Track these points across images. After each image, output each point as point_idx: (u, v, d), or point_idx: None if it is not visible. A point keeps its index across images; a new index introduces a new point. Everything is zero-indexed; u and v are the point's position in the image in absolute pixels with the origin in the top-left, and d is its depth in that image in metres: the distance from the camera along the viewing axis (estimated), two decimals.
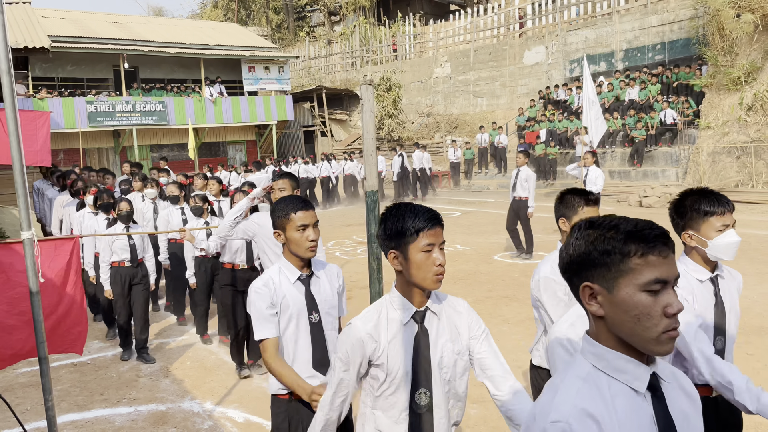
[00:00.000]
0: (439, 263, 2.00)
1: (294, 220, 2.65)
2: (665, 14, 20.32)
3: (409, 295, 2.09)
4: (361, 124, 5.99)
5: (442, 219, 2.08)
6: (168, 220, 7.42)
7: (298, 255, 2.68)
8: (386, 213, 2.07)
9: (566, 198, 3.09)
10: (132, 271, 6.27)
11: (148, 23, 26.96)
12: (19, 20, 11.53)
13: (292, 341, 2.69)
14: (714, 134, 16.34)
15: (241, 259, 5.74)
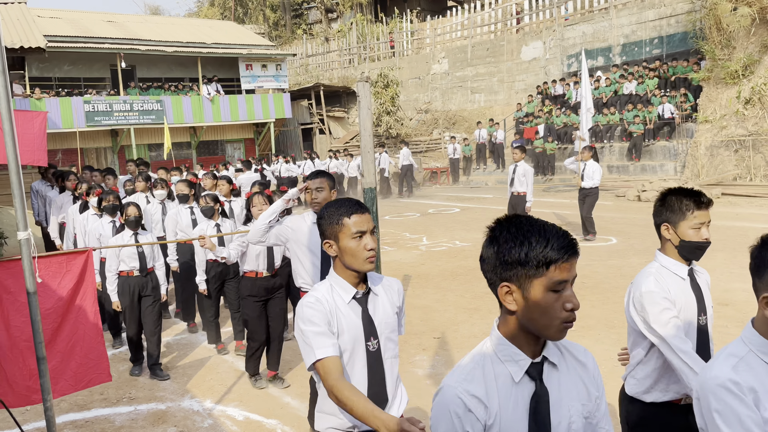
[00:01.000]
0: (571, 307, 1.54)
1: (348, 227, 2.26)
2: (662, 8, 20.30)
3: (520, 343, 1.61)
4: (359, 120, 6.00)
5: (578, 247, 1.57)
6: (177, 221, 7.05)
7: (354, 268, 2.27)
8: (499, 229, 1.57)
9: (671, 200, 2.60)
10: (141, 281, 5.80)
11: (144, 22, 26.90)
12: (15, 20, 11.49)
13: (347, 373, 2.25)
14: (712, 128, 16.34)
15: (263, 266, 5.32)
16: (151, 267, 5.88)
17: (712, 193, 14.38)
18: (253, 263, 5.31)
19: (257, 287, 5.29)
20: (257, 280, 5.31)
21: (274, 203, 4.18)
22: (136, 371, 5.88)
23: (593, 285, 7.86)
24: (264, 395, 5.26)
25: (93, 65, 22.65)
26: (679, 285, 2.57)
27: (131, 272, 5.75)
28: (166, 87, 23.38)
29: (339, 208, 2.31)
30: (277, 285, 5.38)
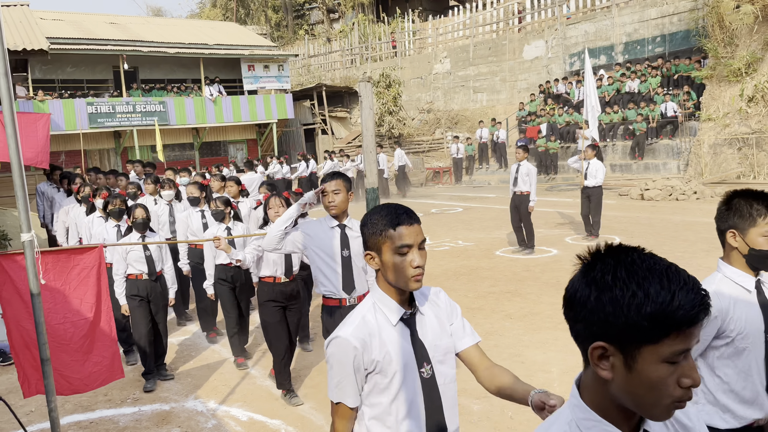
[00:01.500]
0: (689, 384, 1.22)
1: (393, 239, 1.95)
2: (664, 6, 20.26)
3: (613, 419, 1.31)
4: (361, 120, 6.00)
5: None
6: (187, 224, 6.86)
7: (399, 286, 1.98)
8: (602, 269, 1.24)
9: (738, 204, 2.30)
10: (150, 285, 5.62)
11: (147, 23, 26.96)
12: (17, 22, 11.52)
13: (401, 407, 2.00)
14: (715, 126, 16.31)
15: (281, 271, 5.06)
16: (160, 270, 5.71)
17: (716, 192, 14.35)
18: (271, 268, 5.06)
19: (275, 292, 5.05)
20: (275, 285, 5.06)
21: (289, 208, 3.97)
22: (150, 386, 5.52)
23: None
24: (267, 396, 5.26)
25: (96, 67, 22.70)
26: (743, 298, 2.30)
27: (140, 276, 5.59)
28: (169, 88, 23.43)
29: (384, 216, 2.00)
30: (296, 292, 5.18)
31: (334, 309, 3.93)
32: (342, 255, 3.86)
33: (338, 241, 3.88)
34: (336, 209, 3.81)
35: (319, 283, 3.97)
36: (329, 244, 3.86)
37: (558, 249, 10.17)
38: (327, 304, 3.97)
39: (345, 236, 3.90)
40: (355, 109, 29.16)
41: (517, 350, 5.77)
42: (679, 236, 10.31)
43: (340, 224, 3.93)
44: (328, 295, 3.94)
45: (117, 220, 6.15)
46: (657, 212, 12.97)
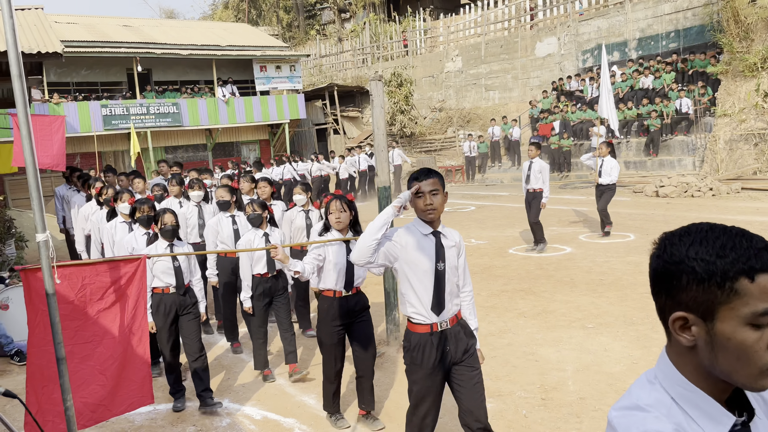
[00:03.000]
0: None
1: (749, 298, 1.07)
2: (678, 1, 20.05)
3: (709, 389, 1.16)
4: (372, 120, 5.99)
5: None
6: (217, 230, 6.35)
7: (736, 382, 1.13)
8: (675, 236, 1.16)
9: None
10: (178, 300, 5.09)
11: (160, 26, 27.15)
12: (32, 26, 11.64)
13: None
14: (731, 122, 16.12)
15: (340, 284, 4.43)
16: (188, 283, 5.18)
17: (732, 188, 14.19)
18: (331, 280, 4.44)
19: (336, 308, 4.44)
20: (335, 300, 4.45)
21: (383, 212, 3.24)
22: (180, 405, 5.10)
23: (611, 282, 7.79)
24: (281, 394, 5.28)
25: (110, 69, 22.91)
26: None
27: (167, 289, 5.07)
28: (182, 90, 23.59)
29: (727, 250, 1.11)
30: (360, 306, 4.54)
31: (424, 336, 3.31)
32: (436, 268, 3.27)
33: (433, 252, 3.28)
34: (435, 213, 3.22)
35: (407, 303, 3.37)
36: (423, 255, 3.27)
37: (572, 247, 10.11)
38: (414, 330, 3.34)
39: (440, 246, 3.30)
40: (367, 109, 29.18)
41: (531, 348, 5.75)
42: None
43: (435, 231, 3.32)
44: (417, 319, 3.33)
45: (146, 227, 5.52)
46: (672, 209, 12.85)
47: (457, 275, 3.37)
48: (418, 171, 3.27)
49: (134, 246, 5.44)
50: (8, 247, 9.93)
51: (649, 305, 6.66)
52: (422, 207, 3.21)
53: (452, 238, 3.36)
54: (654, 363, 4.36)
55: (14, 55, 2.69)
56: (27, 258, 10.69)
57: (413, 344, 3.32)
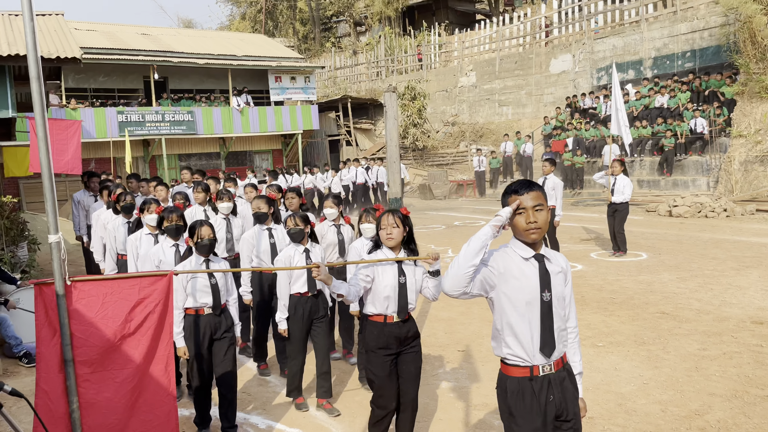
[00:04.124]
0: None
1: None
2: (695, 21, 20.02)
3: None
4: (385, 132, 6.01)
5: None
6: (253, 244, 5.85)
7: None
8: None
9: None
10: (214, 321, 4.57)
11: (177, 35, 27.47)
12: (52, 31, 11.82)
13: None
14: (746, 143, 16.00)
15: (392, 308, 3.91)
16: (225, 303, 4.67)
17: (747, 210, 14.05)
18: (381, 305, 3.92)
19: (386, 336, 3.92)
20: (385, 326, 3.93)
21: (479, 233, 2.67)
22: None
23: (623, 300, 7.71)
24: (287, 404, 5.24)
25: (127, 77, 23.17)
26: None
27: (201, 310, 4.53)
28: (197, 98, 23.80)
29: None
30: (412, 333, 4.01)
31: (523, 382, 2.75)
32: (542, 299, 2.73)
33: (537, 280, 2.74)
34: (538, 233, 2.71)
35: (503, 343, 2.81)
36: (525, 284, 2.73)
37: (583, 264, 10.03)
38: (510, 374, 2.79)
39: (545, 272, 2.75)
40: (380, 121, 29.29)
41: None
42: (708, 254, 10.09)
43: (538, 255, 2.77)
44: (513, 361, 2.77)
45: (175, 238, 5.10)
46: (685, 229, 12.73)
47: (563, 307, 2.83)
48: (517, 183, 2.77)
49: (161, 259, 5.03)
50: (21, 249, 10.01)
51: (661, 325, 6.58)
52: (524, 226, 2.69)
53: (557, 262, 2.83)
54: (664, 384, 4.38)
55: (33, 57, 2.72)
56: (39, 260, 10.77)
57: (510, 391, 2.76)
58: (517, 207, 2.69)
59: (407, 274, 3.94)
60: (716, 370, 5.32)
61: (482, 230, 2.67)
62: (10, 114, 9.54)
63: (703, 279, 8.43)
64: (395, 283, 3.90)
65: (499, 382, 2.86)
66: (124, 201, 6.77)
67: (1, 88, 9.61)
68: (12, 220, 10.11)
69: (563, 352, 2.81)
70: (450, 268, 2.69)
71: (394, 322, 3.93)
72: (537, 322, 2.72)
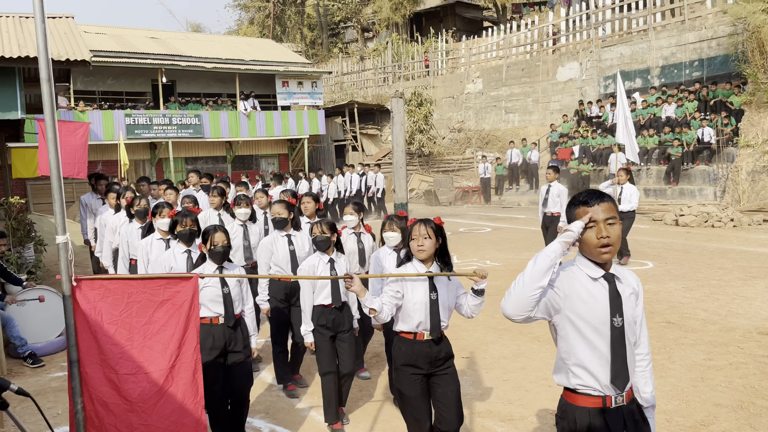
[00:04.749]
0: None
1: None
2: (703, 31, 19.99)
3: None
4: (391, 137, 6.01)
5: None
6: (272, 251, 5.51)
7: None
8: None
9: None
10: (228, 333, 4.29)
11: (186, 39, 27.62)
12: (62, 34, 11.90)
13: None
14: (754, 153, 15.94)
15: (425, 325, 3.61)
16: (239, 313, 4.39)
17: (753, 220, 13.98)
18: (412, 321, 3.62)
19: (416, 354, 3.62)
20: (415, 344, 3.63)
21: (547, 249, 2.39)
22: None
23: None
24: (290, 408, 5.24)
25: (135, 80, 23.30)
26: None
27: (215, 320, 4.27)
28: (204, 102, 23.90)
29: None
30: (445, 353, 3.70)
31: (593, 413, 2.45)
32: (612, 324, 2.43)
33: (607, 303, 2.44)
34: (611, 251, 2.42)
35: (570, 372, 2.49)
36: (594, 307, 2.43)
37: None
38: (577, 403, 2.49)
39: (616, 294, 2.47)
40: (386, 127, 29.33)
41: (545, 374, 5.66)
42: (715, 264, 10.04)
43: (607, 274, 2.47)
44: (585, 390, 2.47)
45: (188, 244, 4.88)
46: (692, 239, 12.68)
47: (635, 332, 2.53)
48: (586, 194, 2.48)
49: (172, 265, 4.83)
50: (27, 250, 10.05)
51: (666, 335, 6.55)
52: (595, 242, 2.39)
53: (629, 282, 2.54)
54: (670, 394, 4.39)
55: (44, 59, 2.74)
56: (45, 261, 10.82)
57: (579, 425, 2.45)
58: (589, 220, 2.40)
59: (439, 290, 3.63)
60: (722, 381, 5.28)
61: (550, 247, 2.40)
62: (19, 115, 9.59)
63: (710, 289, 8.39)
64: (426, 300, 3.59)
65: (563, 411, 2.54)
66: (138, 205, 6.53)
67: (11, 90, 9.67)
68: (19, 221, 10.17)
69: (632, 382, 2.52)
70: (513, 289, 2.42)
71: (425, 340, 3.64)
72: (607, 351, 2.43)
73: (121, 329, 2.98)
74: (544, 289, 2.38)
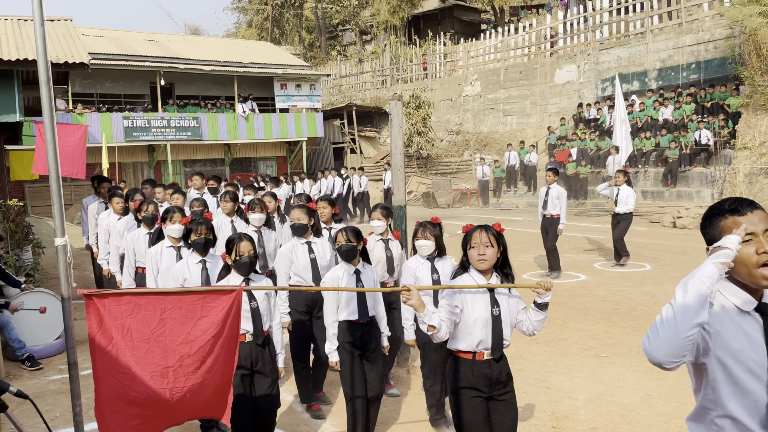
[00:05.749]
0: None
1: None
2: (700, 33, 20.05)
3: None
4: (390, 139, 6.01)
5: None
6: (291, 259, 5.10)
7: None
8: None
9: None
10: (255, 352, 3.95)
11: (184, 41, 27.64)
12: (60, 36, 11.90)
13: None
14: (751, 155, 15.99)
15: (485, 344, 3.25)
16: (267, 329, 4.05)
17: None
18: (471, 339, 3.25)
19: (476, 376, 3.25)
20: (474, 364, 3.26)
21: (701, 274, 1.87)
22: None
23: (626, 311, 7.69)
24: (288, 410, 5.23)
25: (133, 82, 23.30)
26: None
27: (242, 337, 3.87)
28: (203, 104, 23.91)
29: None
30: (505, 375, 3.33)
31: None
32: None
33: (761, 340, 1.95)
34: None
35: (713, 427, 2.03)
36: (747, 347, 1.94)
37: (586, 274, 10.01)
38: None
39: None
40: (384, 130, 29.36)
41: (543, 375, 5.67)
42: None
43: (761, 305, 1.99)
44: None
45: (202, 254, 4.61)
46: (689, 241, 12.70)
47: None
48: (734, 201, 2.03)
49: (186, 277, 4.52)
50: (25, 252, 10.04)
51: None
52: (753, 261, 1.91)
53: None
54: (668, 395, 4.35)
55: (43, 62, 2.75)
56: (43, 264, 10.80)
57: None
58: (744, 232, 1.92)
59: (501, 305, 3.28)
60: None
61: (703, 270, 1.87)
62: (17, 118, 9.59)
63: None
64: (487, 316, 3.23)
65: None
66: (146, 211, 6.06)
67: (9, 93, 9.67)
68: (17, 224, 10.15)
69: None
70: (660, 328, 1.90)
71: (485, 359, 3.26)
72: (764, 403, 1.92)
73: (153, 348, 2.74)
74: (700, 326, 1.86)
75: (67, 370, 4.88)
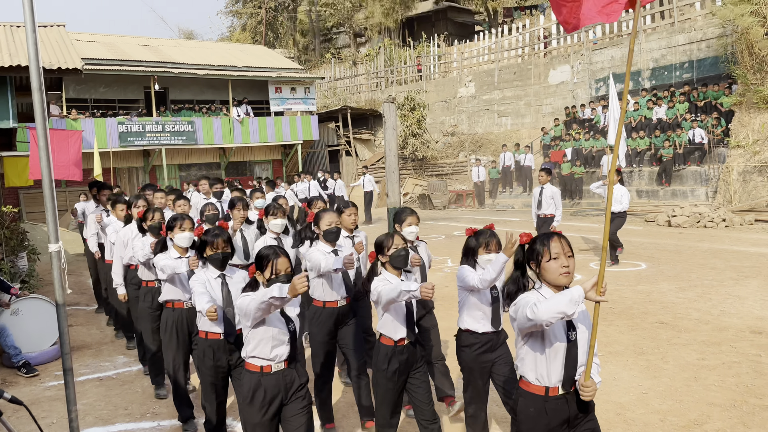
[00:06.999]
0: None
1: None
2: (692, 33, 20.15)
3: None
4: (384, 142, 6.03)
5: None
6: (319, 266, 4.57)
7: None
8: None
9: None
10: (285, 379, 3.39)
11: (178, 46, 27.60)
12: (54, 42, 11.89)
13: None
14: (744, 153, 16.06)
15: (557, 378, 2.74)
16: None
17: (745, 220, 14.07)
18: (540, 368, 2.76)
19: (549, 416, 2.74)
20: (547, 401, 2.75)
21: None
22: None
23: (621, 310, 7.71)
24: None
25: (128, 87, 23.26)
26: None
27: (268, 367, 3.39)
28: (197, 109, 23.89)
29: None
30: (583, 415, 2.80)
31: None
32: None
33: None
34: None
35: None
36: None
37: (582, 274, 10.04)
38: None
39: None
40: (380, 132, 29.37)
41: None
42: (707, 264, 10.10)
43: None
44: None
45: (220, 269, 4.15)
46: (684, 239, 12.75)
47: None
48: None
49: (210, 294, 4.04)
50: (20, 259, 10.02)
51: (660, 335, 6.58)
52: None
53: None
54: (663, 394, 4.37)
55: (35, 68, 2.75)
56: (39, 270, 10.78)
57: None
58: None
59: (578, 327, 2.76)
60: (715, 380, 5.32)
61: None
62: (11, 124, 9.58)
63: (702, 289, 8.44)
64: (563, 341, 2.72)
65: None
66: (151, 219, 5.56)
67: (3, 99, 9.67)
68: (12, 230, 10.13)
69: None
70: None
71: (560, 395, 2.72)
72: None
73: None
74: None
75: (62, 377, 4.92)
